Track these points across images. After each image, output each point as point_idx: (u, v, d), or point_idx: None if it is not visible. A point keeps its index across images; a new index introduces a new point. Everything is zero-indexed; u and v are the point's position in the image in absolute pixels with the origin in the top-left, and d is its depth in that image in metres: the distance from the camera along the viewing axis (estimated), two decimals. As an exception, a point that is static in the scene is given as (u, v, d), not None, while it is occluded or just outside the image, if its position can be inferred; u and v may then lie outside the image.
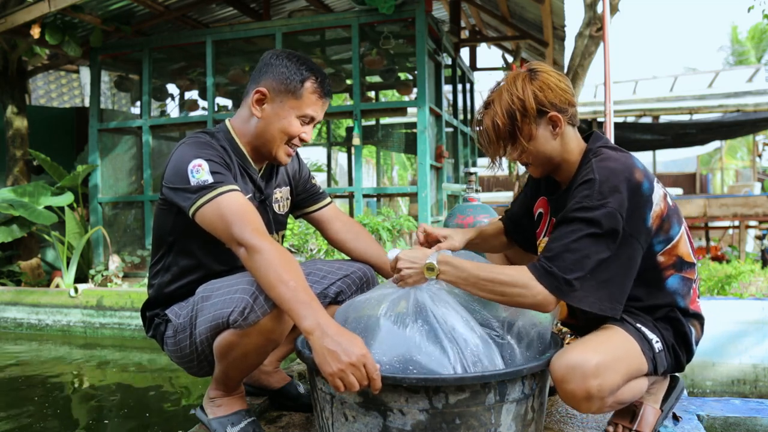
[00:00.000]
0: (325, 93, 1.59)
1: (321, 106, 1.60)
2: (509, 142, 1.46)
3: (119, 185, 6.16)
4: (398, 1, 4.82)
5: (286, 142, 1.59)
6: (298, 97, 1.55)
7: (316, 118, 1.61)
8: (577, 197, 1.35)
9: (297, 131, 1.58)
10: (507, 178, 12.02)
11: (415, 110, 5.06)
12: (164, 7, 5.55)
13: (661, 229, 1.38)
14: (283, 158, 1.62)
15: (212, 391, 1.59)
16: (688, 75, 15.35)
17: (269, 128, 1.57)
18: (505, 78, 1.48)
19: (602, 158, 1.40)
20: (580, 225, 1.30)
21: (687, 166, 18.04)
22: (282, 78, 1.54)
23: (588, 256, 1.28)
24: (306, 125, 1.60)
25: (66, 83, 10.98)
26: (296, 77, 1.54)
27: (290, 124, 1.57)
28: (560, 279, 1.27)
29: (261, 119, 1.57)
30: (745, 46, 19.66)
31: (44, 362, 4.10)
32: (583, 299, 1.28)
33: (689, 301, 1.44)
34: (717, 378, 3.45)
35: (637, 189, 1.34)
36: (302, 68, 1.55)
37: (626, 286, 1.33)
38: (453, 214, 3.13)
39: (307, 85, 1.55)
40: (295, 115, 1.56)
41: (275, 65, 1.56)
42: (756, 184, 13.30)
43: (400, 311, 1.32)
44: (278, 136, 1.58)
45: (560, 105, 1.42)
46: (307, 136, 1.62)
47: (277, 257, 1.31)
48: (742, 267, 4.91)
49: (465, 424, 1.21)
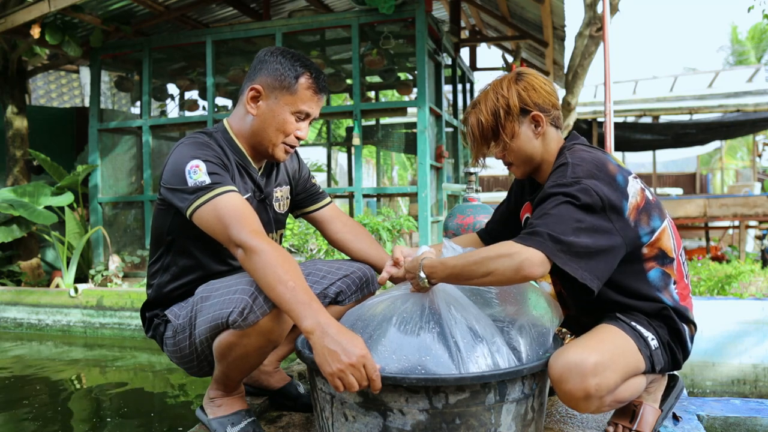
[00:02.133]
0: (320, 89, 1.57)
1: (316, 102, 1.58)
2: (492, 139, 1.52)
3: (119, 185, 6.16)
4: (398, 1, 4.82)
5: (284, 140, 1.58)
6: (293, 93, 1.54)
7: (312, 114, 1.59)
8: (550, 180, 1.39)
9: (292, 128, 1.57)
10: (507, 178, 12.02)
11: (415, 110, 5.06)
12: (164, 7, 5.55)
13: (640, 221, 1.39)
14: (280, 156, 1.61)
15: (212, 391, 1.59)
16: (688, 75, 15.35)
17: (264, 125, 1.56)
18: (493, 81, 1.55)
19: (575, 150, 1.45)
20: (557, 197, 1.33)
21: (687, 166, 18.05)
22: (276, 74, 1.53)
23: (567, 219, 1.29)
24: (301, 122, 1.59)
25: (66, 83, 10.98)
26: (290, 73, 1.53)
27: (285, 121, 1.55)
28: (544, 234, 1.27)
29: (256, 117, 1.57)
30: (745, 46, 19.66)
31: (44, 362, 4.10)
32: (567, 262, 1.27)
33: (679, 299, 1.45)
34: (717, 378, 3.45)
35: (611, 179, 1.36)
36: (296, 64, 1.54)
37: (606, 263, 1.32)
38: (453, 214, 3.13)
39: (301, 80, 1.54)
40: (290, 111, 1.55)
41: (269, 62, 1.55)
42: (756, 184, 13.29)
43: (408, 317, 1.32)
44: (273, 133, 1.56)
45: (543, 105, 1.48)
46: (303, 133, 1.60)
47: (276, 257, 1.31)
48: (742, 267, 4.91)
49: (465, 424, 1.21)
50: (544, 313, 1.42)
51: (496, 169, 16.92)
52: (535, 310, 1.42)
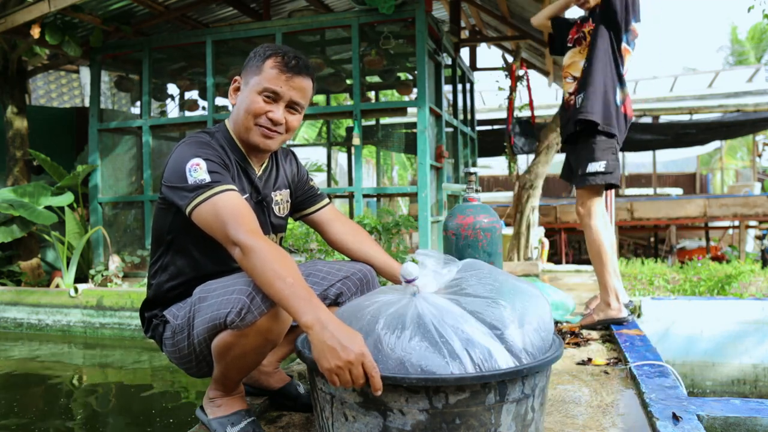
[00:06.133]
0: (288, 68, 1.53)
1: (284, 81, 1.54)
2: None
3: (119, 185, 6.16)
4: (398, 1, 4.82)
5: (255, 122, 1.56)
6: (259, 73, 1.54)
7: (282, 95, 1.54)
8: None
9: (261, 108, 1.54)
10: (507, 178, 12.01)
11: (415, 110, 5.06)
12: (164, 7, 5.55)
13: None
14: (257, 140, 1.58)
15: (212, 391, 1.59)
16: (688, 75, 15.35)
17: (239, 111, 1.58)
18: None
19: None
20: None
21: (687, 166, 18.05)
22: (251, 62, 1.57)
23: None
24: (273, 103, 1.55)
25: (66, 83, 10.98)
26: (260, 58, 1.55)
27: (252, 101, 1.54)
28: None
29: (235, 106, 1.60)
30: (745, 46, 19.67)
31: (44, 362, 4.11)
32: None
33: None
34: (717, 378, 3.45)
35: None
36: (267, 50, 1.56)
37: None
38: (453, 214, 3.13)
39: (268, 61, 1.54)
40: (256, 91, 1.54)
41: (250, 56, 1.59)
42: (756, 184, 13.30)
43: (400, 320, 1.30)
44: (244, 116, 1.56)
45: None
46: (276, 115, 1.55)
47: (273, 255, 1.31)
48: (742, 267, 4.91)
49: (465, 424, 1.21)
50: (544, 313, 1.42)
51: (496, 169, 16.92)
52: (536, 310, 1.42)
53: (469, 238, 3.01)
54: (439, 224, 5.29)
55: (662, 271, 5.61)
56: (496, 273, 1.45)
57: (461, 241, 3.02)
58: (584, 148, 2.77)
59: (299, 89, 1.57)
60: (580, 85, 2.77)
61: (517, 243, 6.55)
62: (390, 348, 1.24)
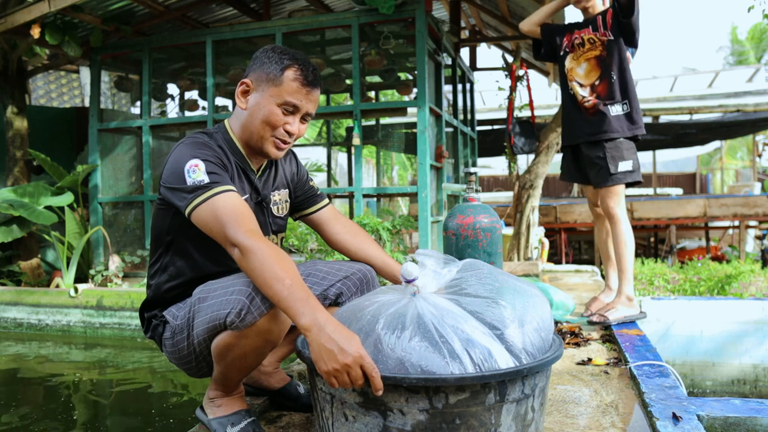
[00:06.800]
0: (308, 81, 1.54)
1: (305, 95, 1.54)
2: None
3: (119, 185, 6.16)
4: (398, 1, 4.82)
5: (272, 134, 1.56)
6: (278, 84, 1.52)
7: (300, 107, 1.55)
8: None
9: (279, 121, 1.54)
10: (507, 178, 12.00)
11: (415, 110, 5.06)
12: (164, 7, 5.55)
13: None
14: (271, 151, 1.58)
15: (212, 391, 1.59)
16: (688, 75, 15.35)
17: (252, 119, 1.56)
18: None
19: None
20: None
21: (687, 166, 18.05)
22: (264, 68, 1.54)
23: None
24: (290, 116, 1.55)
25: (66, 83, 10.98)
26: (277, 66, 1.53)
27: (271, 113, 1.53)
28: None
29: (246, 111, 1.57)
30: (745, 46, 19.67)
31: (44, 362, 4.10)
32: None
33: None
34: (717, 378, 3.45)
35: None
36: (284, 57, 1.54)
37: None
38: (453, 214, 3.13)
39: (287, 72, 1.52)
40: (276, 103, 1.53)
41: (260, 58, 1.56)
42: (756, 184, 13.31)
43: (400, 320, 1.30)
44: (260, 126, 1.55)
45: None
46: (293, 128, 1.56)
47: (272, 256, 1.30)
48: (742, 267, 4.91)
49: (465, 424, 1.21)
50: (544, 313, 1.42)
51: (496, 169, 16.93)
52: (536, 310, 1.42)
53: (469, 238, 3.01)
54: (439, 224, 5.29)
55: (662, 271, 5.62)
56: (496, 273, 1.45)
57: (461, 241, 3.02)
58: (613, 148, 2.86)
59: (315, 101, 1.59)
60: (610, 94, 2.86)
61: (517, 243, 6.55)
62: (390, 348, 1.24)
